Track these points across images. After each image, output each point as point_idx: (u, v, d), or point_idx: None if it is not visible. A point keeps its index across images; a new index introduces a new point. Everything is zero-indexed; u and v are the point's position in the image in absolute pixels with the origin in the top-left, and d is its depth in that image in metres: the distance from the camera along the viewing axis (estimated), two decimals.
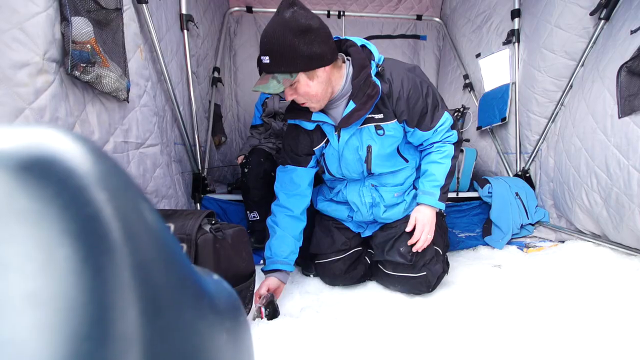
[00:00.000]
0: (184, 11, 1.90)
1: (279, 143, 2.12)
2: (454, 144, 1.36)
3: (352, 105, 1.21)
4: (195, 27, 2.05)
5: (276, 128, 2.13)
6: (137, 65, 1.23)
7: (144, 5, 1.36)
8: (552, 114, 1.97)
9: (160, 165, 1.37)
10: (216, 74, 2.58)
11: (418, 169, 1.45)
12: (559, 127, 1.92)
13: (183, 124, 1.75)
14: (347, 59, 1.26)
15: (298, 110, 1.29)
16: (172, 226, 0.34)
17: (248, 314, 0.99)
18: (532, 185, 2.14)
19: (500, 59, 2.27)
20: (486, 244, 2.00)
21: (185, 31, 1.91)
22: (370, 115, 1.25)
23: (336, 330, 1.00)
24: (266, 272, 1.29)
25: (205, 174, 2.07)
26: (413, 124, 1.29)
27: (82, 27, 0.95)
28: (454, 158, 1.36)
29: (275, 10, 1.07)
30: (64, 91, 0.92)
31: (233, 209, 2.04)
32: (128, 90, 1.15)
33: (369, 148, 1.30)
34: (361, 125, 1.27)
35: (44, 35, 0.84)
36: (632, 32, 1.39)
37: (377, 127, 1.27)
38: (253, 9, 3.01)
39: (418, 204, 1.36)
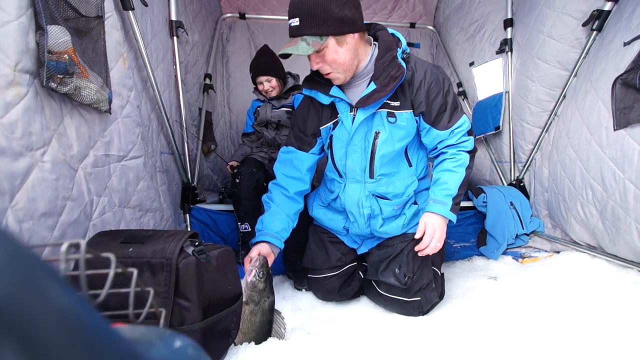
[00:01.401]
0: (173, 18, 1.85)
1: (271, 152, 2.07)
2: (469, 152, 1.29)
3: (372, 86, 1.17)
4: (185, 33, 2.00)
5: (268, 137, 2.08)
6: (120, 75, 1.18)
7: (130, 12, 1.31)
8: (546, 123, 1.96)
9: (144, 178, 1.31)
10: (207, 81, 2.53)
11: (420, 180, 1.40)
12: (552, 137, 1.91)
13: (171, 132, 1.69)
14: (374, 43, 1.23)
15: (317, 82, 1.26)
16: (135, 271, 0.29)
17: (235, 338, 0.94)
18: (527, 195, 2.12)
19: (493, 67, 2.26)
20: (481, 254, 1.97)
21: (174, 38, 1.86)
22: (386, 101, 1.21)
23: (328, 356, 0.95)
24: (254, 244, 1.24)
25: (195, 183, 2.01)
26: (430, 120, 1.25)
27: (59, 36, 0.89)
28: (469, 168, 1.28)
29: (267, 17, 1.04)
30: (39, 104, 0.87)
31: (224, 219, 1.98)
32: (110, 101, 1.10)
33: (376, 134, 1.24)
34: (376, 109, 1.23)
35: (16, 45, 0.79)
36: (626, 44, 1.38)
37: (390, 114, 1.23)
38: (246, 16, 2.97)
39: (428, 212, 1.26)
